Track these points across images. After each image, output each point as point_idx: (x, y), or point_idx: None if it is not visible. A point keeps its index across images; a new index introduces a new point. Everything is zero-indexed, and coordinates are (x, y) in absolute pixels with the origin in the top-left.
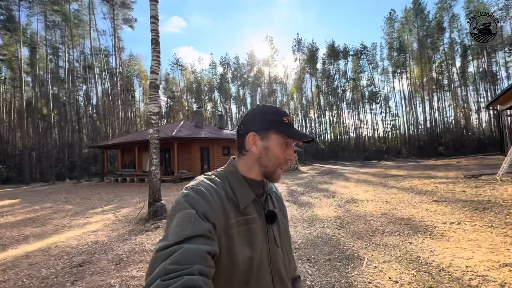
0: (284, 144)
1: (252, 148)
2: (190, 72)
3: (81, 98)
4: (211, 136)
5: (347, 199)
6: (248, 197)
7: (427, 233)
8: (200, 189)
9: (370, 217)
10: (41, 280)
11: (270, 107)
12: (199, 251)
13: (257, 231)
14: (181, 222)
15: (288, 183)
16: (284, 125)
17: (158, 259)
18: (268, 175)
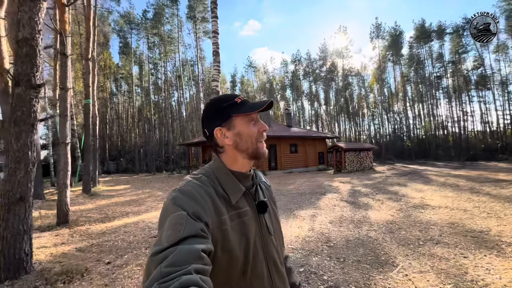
0: (251, 121)
1: (225, 142)
2: (263, 73)
3: (174, 103)
4: (277, 134)
5: (415, 204)
6: (238, 191)
7: (494, 250)
8: (188, 190)
9: (431, 225)
10: (128, 243)
11: (219, 97)
12: (194, 250)
13: (250, 223)
14: (173, 225)
15: (354, 183)
16: (239, 104)
17: (153, 263)
18: (253, 155)
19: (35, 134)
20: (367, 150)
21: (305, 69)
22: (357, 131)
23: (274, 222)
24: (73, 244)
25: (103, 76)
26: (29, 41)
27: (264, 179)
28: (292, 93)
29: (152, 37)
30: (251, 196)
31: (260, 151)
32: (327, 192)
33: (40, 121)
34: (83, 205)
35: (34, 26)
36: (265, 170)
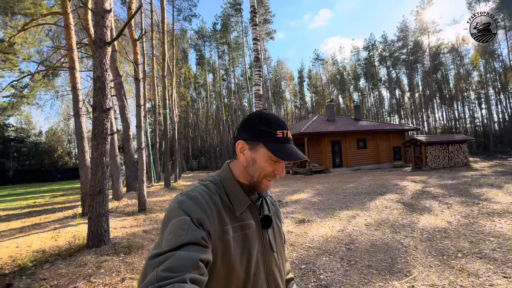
0: (273, 159)
1: (240, 156)
2: (331, 64)
3: (246, 103)
4: (342, 129)
5: (492, 211)
6: (244, 203)
7: None
8: (195, 196)
9: (491, 237)
10: None
11: (267, 116)
12: (192, 258)
13: (252, 237)
14: (175, 229)
15: (429, 183)
16: (276, 139)
17: (151, 266)
18: (254, 184)
19: (107, 145)
20: (458, 142)
21: (381, 54)
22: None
23: (277, 238)
24: (142, 227)
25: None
26: (100, 78)
27: (270, 194)
28: (367, 82)
29: (222, 45)
30: (256, 209)
31: (261, 186)
32: (387, 192)
33: (111, 135)
34: (162, 197)
35: (103, 67)
36: (328, 167)
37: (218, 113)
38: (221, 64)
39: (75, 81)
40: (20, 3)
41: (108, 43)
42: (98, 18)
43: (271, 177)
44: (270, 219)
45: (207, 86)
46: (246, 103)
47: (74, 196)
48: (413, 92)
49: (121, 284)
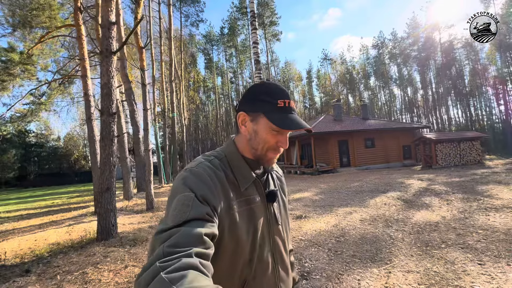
0: (276, 130)
1: (241, 128)
2: (340, 63)
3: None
4: (349, 128)
5: (490, 206)
6: (249, 178)
7: None
8: (199, 171)
9: (480, 230)
10: None
11: (268, 86)
12: (197, 233)
13: (258, 211)
14: (180, 206)
15: (435, 181)
16: (278, 109)
17: (157, 241)
18: (258, 158)
19: (114, 146)
20: (470, 140)
21: (390, 51)
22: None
23: (282, 212)
24: (149, 223)
25: (193, 90)
26: (107, 84)
27: (276, 168)
28: (377, 81)
29: (229, 49)
30: (261, 184)
31: (266, 159)
32: (390, 190)
33: (117, 137)
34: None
35: (110, 74)
36: (336, 167)
37: (227, 115)
38: (229, 67)
39: (87, 88)
40: (37, 17)
41: (114, 53)
42: (104, 30)
43: (275, 150)
44: (275, 193)
45: (216, 89)
46: None
47: (88, 197)
48: (426, 90)
49: (124, 271)
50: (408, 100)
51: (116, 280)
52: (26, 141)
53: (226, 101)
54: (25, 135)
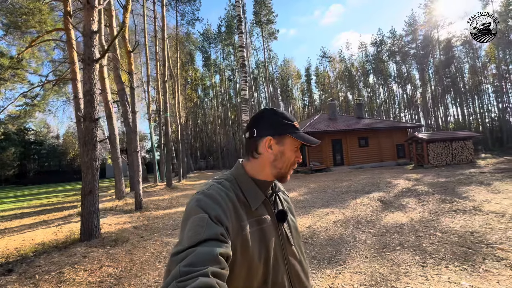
0: (295, 147)
1: (267, 151)
2: (338, 61)
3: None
4: (343, 127)
5: (461, 208)
6: (259, 198)
7: (469, 264)
8: (212, 193)
9: (439, 233)
10: (164, 225)
11: (281, 111)
12: (212, 253)
13: (269, 231)
14: (194, 227)
15: (422, 181)
16: (296, 129)
17: (174, 262)
18: (281, 175)
19: (96, 151)
20: (462, 139)
21: (389, 49)
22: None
23: (294, 233)
24: (134, 223)
25: (191, 88)
26: (89, 91)
27: (283, 189)
28: (376, 78)
29: (227, 47)
30: (271, 204)
31: (287, 175)
32: (374, 191)
33: (99, 142)
34: (161, 196)
35: (92, 82)
36: (329, 166)
37: (224, 113)
38: (227, 65)
39: (77, 91)
40: (27, 22)
41: (96, 61)
42: (86, 38)
43: (294, 166)
44: (285, 213)
45: (213, 87)
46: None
47: None
48: (425, 87)
49: (98, 270)
50: (407, 98)
51: (89, 280)
52: (26, 139)
53: (225, 99)
54: (24, 133)
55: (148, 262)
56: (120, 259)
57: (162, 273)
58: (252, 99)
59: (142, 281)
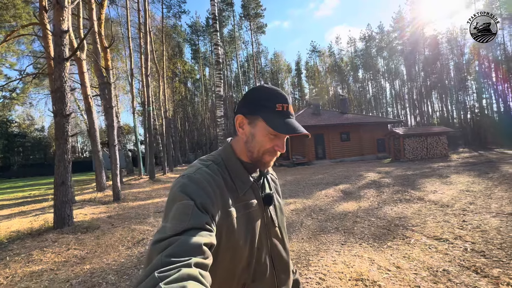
0: (273, 134)
1: (239, 131)
2: (328, 56)
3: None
4: (325, 122)
5: (407, 198)
6: (246, 183)
7: (375, 241)
8: (198, 178)
9: (373, 218)
10: (137, 214)
11: (267, 89)
12: (196, 243)
13: (256, 215)
14: (179, 214)
15: (390, 174)
16: (275, 113)
17: (155, 251)
18: (254, 161)
19: (68, 144)
20: (437, 134)
21: (378, 44)
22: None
23: (279, 214)
24: (109, 213)
25: (179, 81)
26: (60, 89)
27: (271, 171)
28: (365, 74)
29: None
30: (258, 188)
31: (262, 162)
32: (343, 182)
33: (71, 136)
34: (142, 188)
35: (62, 79)
36: (311, 160)
37: (214, 106)
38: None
39: (54, 86)
40: (1, 16)
41: (66, 59)
42: (57, 38)
43: (271, 153)
44: (272, 197)
45: (202, 80)
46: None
47: None
48: (412, 83)
49: (65, 252)
50: (394, 93)
51: (55, 260)
52: (9, 132)
53: (214, 92)
54: (7, 125)
55: (112, 246)
56: (87, 244)
57: (122, 254)
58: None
59: (102, 260)
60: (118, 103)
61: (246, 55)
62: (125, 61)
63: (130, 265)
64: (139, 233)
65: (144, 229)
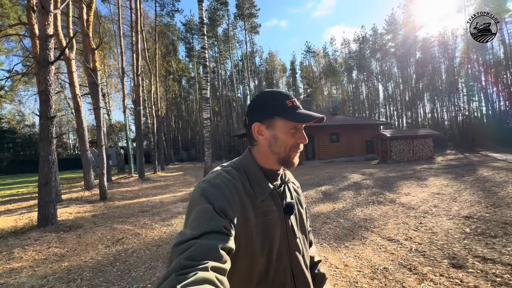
0: (293, 129)
1: (259, 138)
2: (322, 56)
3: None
4: (315, 124)
5: (380, 200)
6: (266, 189)
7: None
8: (217, 183)
9: (341, 219)
10: (120, 214)
11: (272, 92)
12: (214, 246)
13: (274, 223)
14: (198, 218)
15: (373, 175)
16: (288, 109)
17: (175, 253)
18: (283, 161)
19: (52, 146)
20: (423, 137)
21: (371, 46)
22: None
23: (300, 224)
24: (94, 212)
25: (173, 80)
26: (45, 91)
27: (293, 180)
28: (359, 75)
29: (209, 39)
30: (279, 196)
31: (290, 160)
32: (326, 184)
33: (55, 138)
34: (131, 187)
35: (47, 82)
36: (301, 160)
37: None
38: (211, 56)
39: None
40: None
41: (51, 63)
42: (42, 42)
43: (297, 149)
44: (292, 206)
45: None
46: (240, 94)
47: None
48: (405, 85)
49: (46, 250)
50: (387, 95)
51: (35, 257)
52: None
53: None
54: None
55: (92, 244)
56: (68, 242)
57: (100, 252)
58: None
59: (80, 258)
60: (111, 101)
61: (241, 54)
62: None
63: (106, 263)
64: (119, 232)
65: (125, 228)
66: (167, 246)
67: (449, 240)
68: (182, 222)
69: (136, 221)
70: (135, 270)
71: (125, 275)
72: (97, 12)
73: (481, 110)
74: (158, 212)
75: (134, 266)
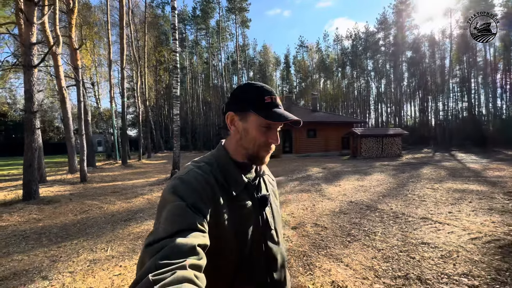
0: (265, 126)
1: (231, 129)
2: (315, 51)
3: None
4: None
5: (325, 195)
6: (240, 183)
7: None
8: (189, 179)
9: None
10: (94, 194)
11: (254, 85)
12: (190, 244)
13: (249, 216)
14: (171, 216)
15: (333, 169)
16: (265, 105)
17: (148, 254)
18: (250, 157)
19: (35, 135)
20: (392, 136)
21: (363, 44)
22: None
23: (275, 216)
24: (72, 191)
25: (163, 70)
26: (29, 91)
27: (268, 172)
28: (352, 71)
29: (202, 30)
30: (253, 189)
31: (258, 158)
32: (284, 175)
33: (37, 129)
34: (112, 172)
35: (31, 83)
36: (278, 154)
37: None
38: (204, 46)
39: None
40: None
41: (34, 66)
42: (26, 49)
43: (266, 147)
44: (267, 199)
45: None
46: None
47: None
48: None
49: (27, 215)
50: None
51: (18, 220)
52: None
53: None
54: None
55: (64, 213)
56: (46, 211)
57: (68, 218)
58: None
59: (53, 221)
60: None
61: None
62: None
63: (70, 224)
64: (87, 206)
65: (92, 204)
66: (119, 215)
67: (319, 215)
68: (142, 201)
69: (104, 199)
70: (90, 228)
71: (82, 231)
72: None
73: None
74: (126, 193)
75: (89, 226)
